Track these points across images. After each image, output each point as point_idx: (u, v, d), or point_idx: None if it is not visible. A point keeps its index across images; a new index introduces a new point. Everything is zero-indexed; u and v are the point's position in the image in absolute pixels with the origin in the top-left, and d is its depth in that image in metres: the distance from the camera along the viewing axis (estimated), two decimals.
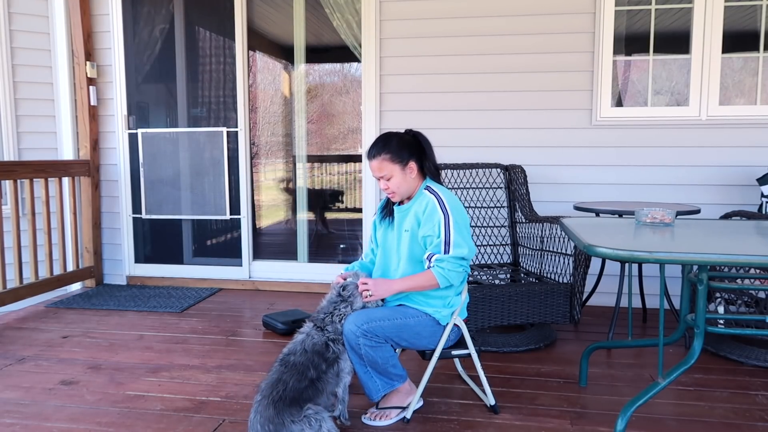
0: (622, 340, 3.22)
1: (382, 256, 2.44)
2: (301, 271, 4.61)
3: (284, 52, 4.96)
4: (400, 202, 2.38)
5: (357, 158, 4.70)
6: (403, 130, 2.38)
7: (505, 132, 4.07)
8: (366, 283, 2.23)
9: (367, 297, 2.22)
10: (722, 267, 2.72)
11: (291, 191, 4.90)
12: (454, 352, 2.36)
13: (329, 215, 4.98)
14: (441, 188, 2.30)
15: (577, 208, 3.48)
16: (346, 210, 5.63)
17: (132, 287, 4.61)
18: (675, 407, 2.48)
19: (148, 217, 4.71)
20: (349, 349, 2.18)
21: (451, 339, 2.34)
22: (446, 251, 2.17)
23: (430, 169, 2.33)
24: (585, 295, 3.76)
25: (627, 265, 3.27)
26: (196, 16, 4.64)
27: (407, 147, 2.29)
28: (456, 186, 3.81)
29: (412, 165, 2.28)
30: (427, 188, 2.30)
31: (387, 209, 2.45)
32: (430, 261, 2.20)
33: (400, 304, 2.31)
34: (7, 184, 3.88)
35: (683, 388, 2.66)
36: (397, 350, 2.35)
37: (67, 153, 4.52)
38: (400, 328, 2.21)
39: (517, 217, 3.75)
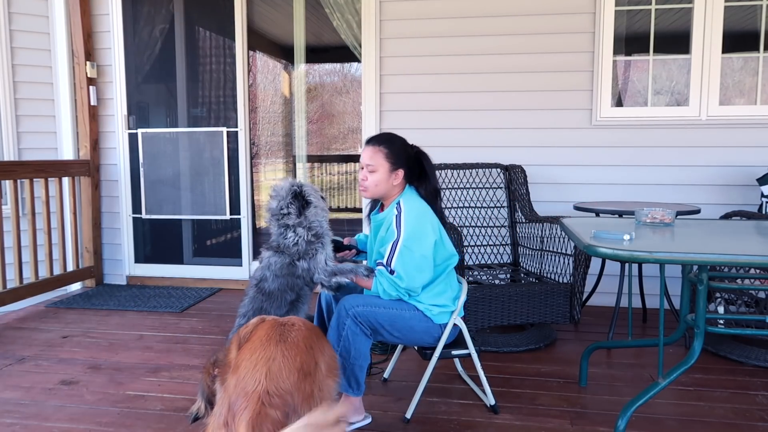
0: (622, 340, 3.22)
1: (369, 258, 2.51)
2: None
3: (284, 52, 4.96)
4: (381, 208, 2.39)
5: (357, 158, 4.69)
6: (409, 140, 2.35)
7: (505, 132, 4.07)
8: None
9: None
10: (722, 267, 2.72)
11: None
12: (454, 352, 2.35)
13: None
14: (415, 208, 2.22)
15: (577, 208, 3.48)
16: (346, 210, 5.64)
17: (132, 287, 4.61)
18: (675, 407, 2.48)
19: (148, 217, 4.70)
20: (334, 321, 2.17)
21: (448, 338, 2.33)
22: (388, 270, 2.16)
23: (428, 191, 2.28)
24: (585, 295, 3.76)
25: (627, 265, 3.27)
26: (196, 16, 4.64)
27: (406, 157, 2.28)
28: (456, 186, 3.80)
29: (400, 173, 2.26)
30: (399, 203, 2.24)
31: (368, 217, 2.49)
32: (378, 266, 2.23)
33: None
34: (7, 184, 3.88)
35: (683, 388, 2.66)
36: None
37: (67, 153, 4.51)
38: (394, 318, 2.20)
39: (517, 217, 3.75)
